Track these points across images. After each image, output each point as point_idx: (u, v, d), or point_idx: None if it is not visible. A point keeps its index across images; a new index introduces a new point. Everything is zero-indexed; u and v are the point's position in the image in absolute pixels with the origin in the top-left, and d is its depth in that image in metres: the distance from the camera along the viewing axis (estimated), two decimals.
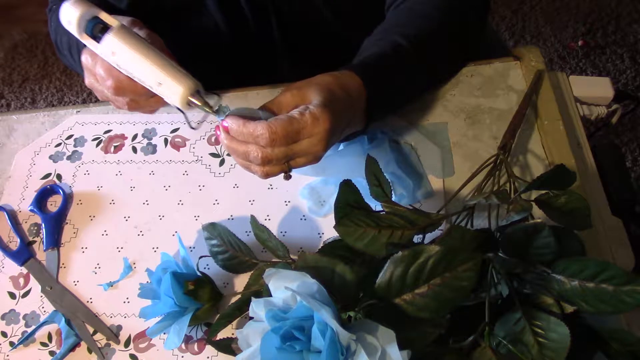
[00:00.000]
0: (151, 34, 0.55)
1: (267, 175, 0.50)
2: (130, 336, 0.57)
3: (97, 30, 0.50)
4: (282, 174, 0.51)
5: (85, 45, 0.52)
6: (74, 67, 0.71)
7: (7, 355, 0.57)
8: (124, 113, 0.72)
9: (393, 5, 0.67)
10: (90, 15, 0.50)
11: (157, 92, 0.50)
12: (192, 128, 0.54)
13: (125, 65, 0.50)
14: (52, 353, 0.56)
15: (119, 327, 0.57)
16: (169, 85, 0.48)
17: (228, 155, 0.66)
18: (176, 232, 0.62)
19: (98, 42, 0.50)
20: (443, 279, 0.37)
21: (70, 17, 0.49)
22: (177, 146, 0.68)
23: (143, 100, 0.56)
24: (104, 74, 0.53)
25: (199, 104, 0.49)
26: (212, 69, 0.75)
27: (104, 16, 0.50)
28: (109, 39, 0.49)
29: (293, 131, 0.46)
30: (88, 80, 0.57)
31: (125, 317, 0.58)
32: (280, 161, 0.48)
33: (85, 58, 0.55)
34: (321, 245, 0.49)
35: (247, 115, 0.48)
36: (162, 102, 0.56)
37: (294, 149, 0.48)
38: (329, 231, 0.59)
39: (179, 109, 0.50)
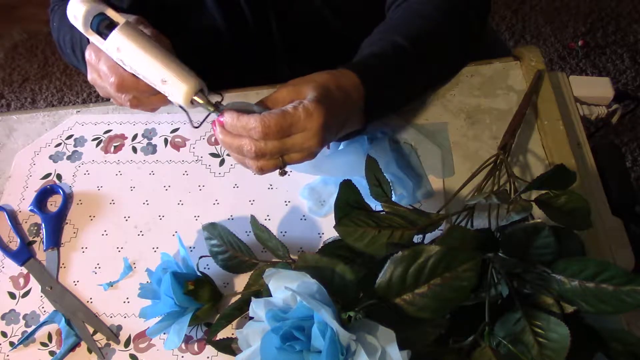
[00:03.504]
0: (157, 33, 0.55)
1: (261, 170, 0.50)
2: (130, 336, 0.57)
3: (102, 26, 0.50)
4: (278, 170, 0.51)
5: (88, 43, 0.52)
6: (76, 65, 0.71)
7: (7, 355, 0.57)
8: (124, 113, 0.72)
9: (393, 5, 0.67)
10: (97, 11, 0.50)
11: (161, 90, 0.50)
12: (194, 127, 0.54)
13: (130, 62, 0.50)
14: (52, 353, 0.56)
15: (119, 327, 0.57)
16: (174, 83, 0.48)
17: (228, 155, 0.66)
18: (176, 232, 0.62)
19: (104, 38, 0.50)
20: (443, 279, 0.37)
21: (76, 12, 0.50)
22: (177, 146, 0.68)
23: (145, 98, 0.56)
24: (107, 70, 0.53)
25: (202, 102, 0.49)
26: (212, 69, 0.75)
27: (111, 13, 0.50)
28: (115, 35, 0.49)
29: (286, 125, 0.46)
30: (91, 77, 0.57)
31: (125, 317, 0.58)
32: (274, 155, 0.48)
33: (89, 54, 0.55)
34: (321, 245, 0.49)
35: (242, 110, 0.48)
36: (164, 100, 0.56)
37: (287, 144, 0.48)
38: (329, 231, 0.59)
39: (181, 107, 0.50)
